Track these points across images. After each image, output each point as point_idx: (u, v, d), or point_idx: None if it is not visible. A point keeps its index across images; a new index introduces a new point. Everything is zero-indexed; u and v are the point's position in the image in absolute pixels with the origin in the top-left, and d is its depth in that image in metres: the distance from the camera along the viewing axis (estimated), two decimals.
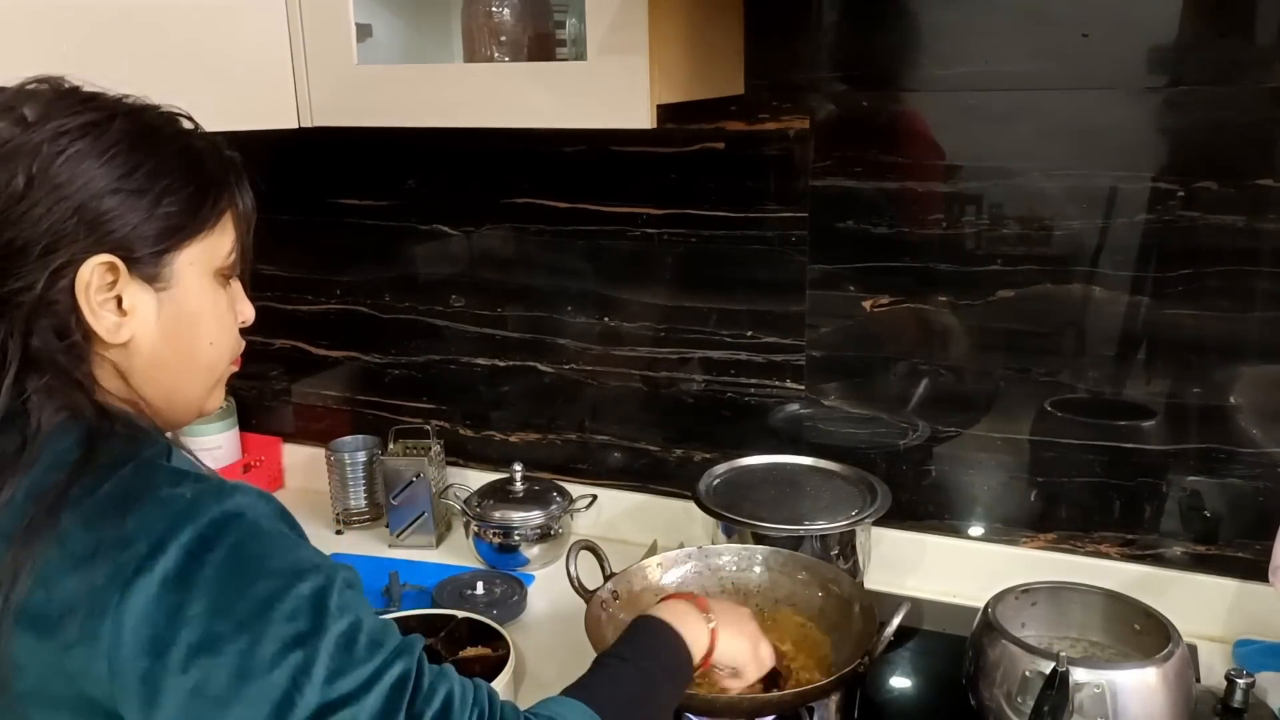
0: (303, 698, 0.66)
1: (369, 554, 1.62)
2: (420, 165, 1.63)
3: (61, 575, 0.66)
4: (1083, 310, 1.32)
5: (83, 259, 0.71)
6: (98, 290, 0.73)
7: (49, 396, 0.71)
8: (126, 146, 0.73)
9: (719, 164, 1.45)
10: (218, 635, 0.65)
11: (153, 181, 0.74)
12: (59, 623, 0.66)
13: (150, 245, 0.74)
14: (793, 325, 1.47)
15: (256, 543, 0.69)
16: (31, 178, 0.70)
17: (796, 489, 1.42)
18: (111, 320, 0.74)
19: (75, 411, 0.72)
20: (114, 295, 0.74)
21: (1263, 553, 1.26)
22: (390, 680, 0.69)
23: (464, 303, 1.67)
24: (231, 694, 0.65)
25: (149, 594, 0.65)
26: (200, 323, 0.79)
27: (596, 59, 1.14)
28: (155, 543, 0.66)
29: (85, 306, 0.72)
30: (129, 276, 0.74)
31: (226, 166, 0.81)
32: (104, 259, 0.72)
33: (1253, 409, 1.28)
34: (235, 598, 0.66)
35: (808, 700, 1.10)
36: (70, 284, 0.72)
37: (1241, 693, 1.14)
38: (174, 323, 0.77)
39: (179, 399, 0.81)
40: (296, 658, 0.66)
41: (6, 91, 0.74)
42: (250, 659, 0.66)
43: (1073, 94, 1.26)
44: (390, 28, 1.37)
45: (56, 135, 0.71)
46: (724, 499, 1.40)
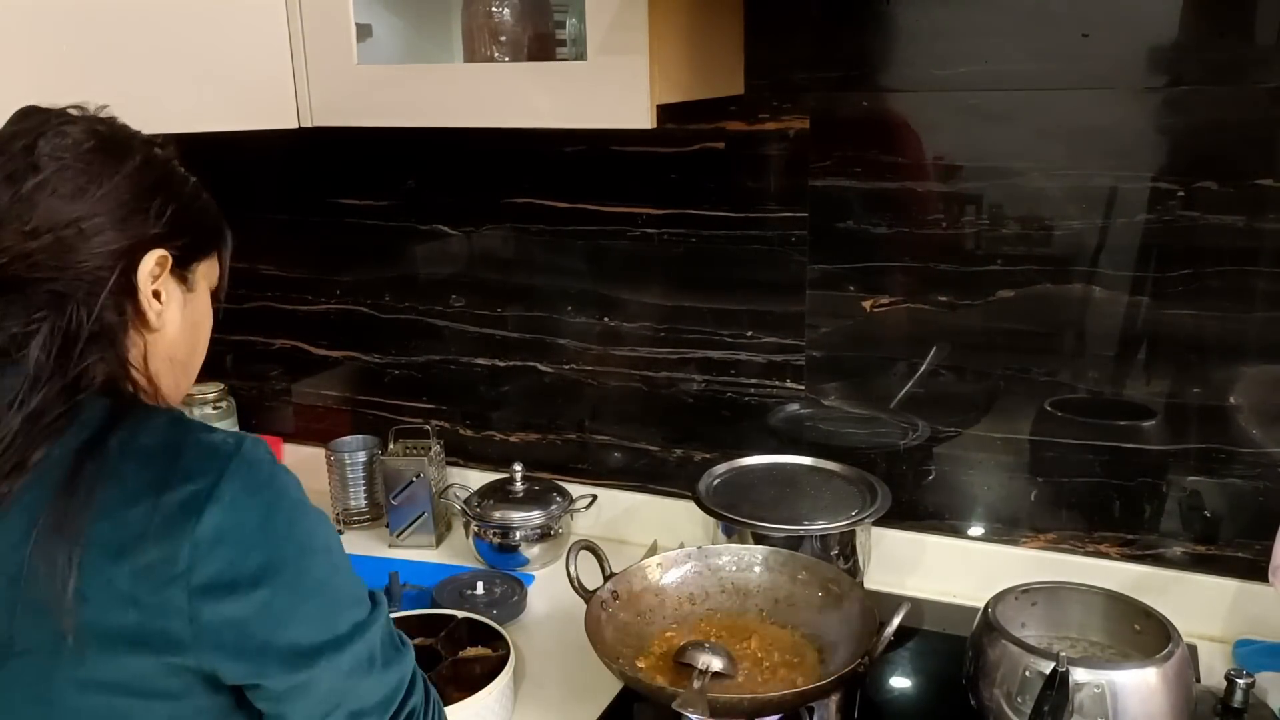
0: (345, 612, 0.80)
1: (369, 554, 1.62)
2: (420, 165, 1.63)
3: (125, 506, 0.73)
4: (1083, 310, 1.32)
5: (147, 248, 0.82)
6: (150, 279, 0.83)
7: (102, 366, 0.79)
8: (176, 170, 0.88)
9: (719, 164, 1.45)
10: (280, 558, 0.76)
11: (192, 201, 0.88)
12: (133, 547, 0.72)
13: (186, 250, 0.86)
14: (793, 325, 1.47)
15: (294, 485, 0.81)
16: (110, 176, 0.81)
17: (796, 489, 1.42)
18: (157, 306, 0.84)
19: (112, 381, 0.80)
20: (156, 288, 0.84)
21: (1263, 553, 1.26)
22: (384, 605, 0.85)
23: (464, 303, 1.67)
24: (293, 609, 0.77)
25: (219, 520, 0.74)
26: (203, 328, 0.92)
27: (596, 59, 1.14)
28: (216, 476, 0.75)
29: (142, 290, 0.82)
30: (169, 274, 0.85)
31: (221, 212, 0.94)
32: (161, 252, 0.83)
33: (1253, 409, 1.28)
34: (290, 527, 0.78)
35: (808, 700, 1.10)
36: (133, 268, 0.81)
37: (1241, 693, 1.14)
38: (190, 321, 0.89)
39: (173, 392, 0.90)
40: (337, 581, 0.81)
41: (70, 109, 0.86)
42: (307, 579, 0.78)
43: (1073, 94, 1.26)
44: (390, 28, 1.37)
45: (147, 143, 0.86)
46: (724, 499, 1.40)
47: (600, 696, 1.22)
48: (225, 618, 0.74)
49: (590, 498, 1.61)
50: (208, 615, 0.73)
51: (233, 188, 0.98)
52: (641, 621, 1.27)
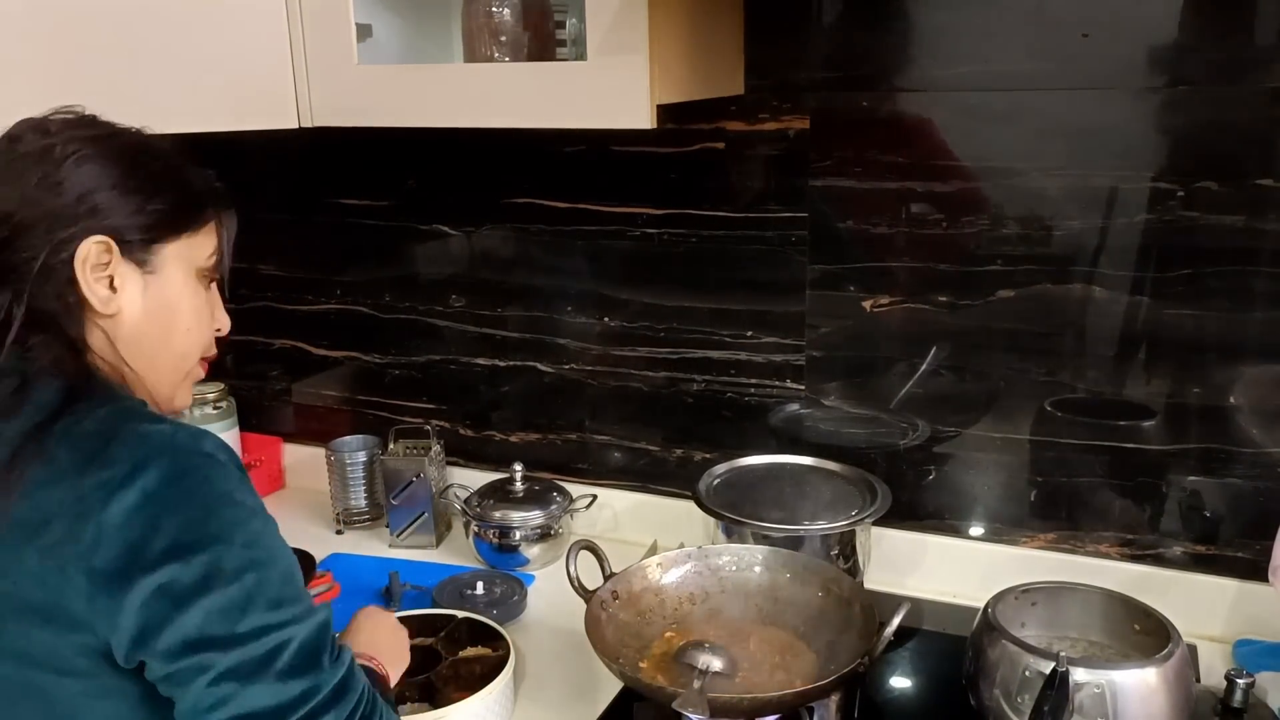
0: (252, 612, 0.78)
1: (369, 554, 1.62)
2: (420, 165, 1.63)
3: (46, 488, 0.76)
4: (1083, 310, 1.32)
5: (82, 237, 0.83)
6: (94, 266, 0.84)
7: (45, 350, 0.82)
8: (128, 157, 0.87)
9: (719, 164, 1.45)
10: (187, 545, 0.76)
11: (146, 184, 0.87)
12: (43, 527, 0.76)
13: (140, 233, 0.86)
14: (793, 325, 1.47)
15: (224, 479, 0.80)
16: (45, 173, 0.83)
17: (796, 489, 1.42)
18: (103, 293, 0.85)
19: (62, 365, 0.82)
20: (108, 274, 0.85)
21: (1263, 553, 1.26)
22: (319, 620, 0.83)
23: (464, 303, 1.67)
24: (191, 598, 0.76)
25: (129, 504, 0.75)
26: (179, 309, 0.91)
27: (596, 59, 1.14)
28: (138, 463, 0.77)
29: (81, 278, 0.83)
30: (120, 258, 0.85)
31: (214, 190, 0.94)
32: (100, 238, 0.84)
33: (1253, 409, 1.28)
34: (205, 516, 0.78)
35: (808, 700, 1.10)
36: (70, 257, 0.83)
37: (1241, 693, 1.14)
38: (156, 305, 0.89)
39: (157, 382, 0.91)
40: (250, 578, 0.78)
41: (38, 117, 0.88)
42: (213, 570, 0.77)
43: (1073, 94, 1.26)
44: (390, 28, 1.37)
45: (68, 142, 0.85)
46: (724, 499, 1.40)
47: (600, 696, 1.22)
48: (120, 602, 0.75)
49: (590, 498, 1.61)
50: (103, 598, 0.76)
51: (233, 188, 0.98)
52: (641, 621, 1.27)
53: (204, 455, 0.80)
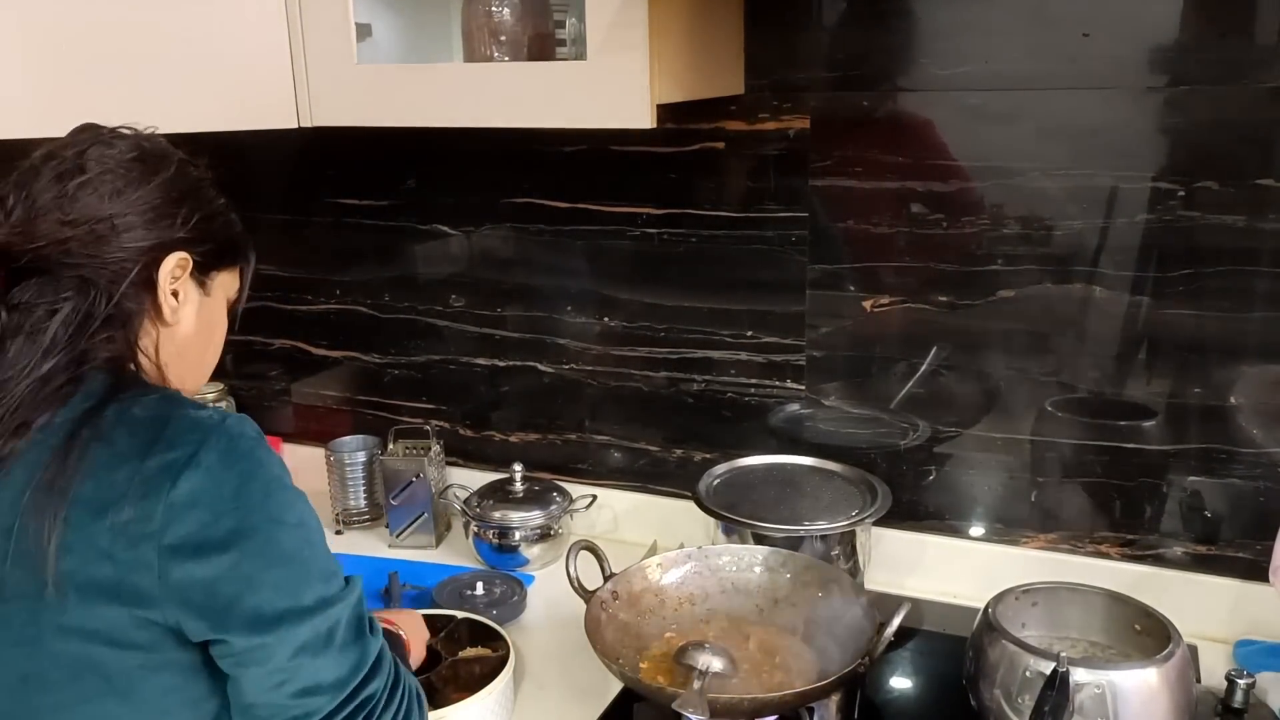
0: (313, 585, 0.84)
1: (369, 554, 1.62)
2: (420, 165, 1.63)
3: (111, 469, 0.80)
4: (1083, 310, 1.32)
5: (171, 250, 0.90)
6: (171, 279, 0.91)
7: (108, 346, 0.87)
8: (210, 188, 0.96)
9: (719, 164, 1.44)
10: (252, 524, 0.81)
11: (215, 218, 0.96)
12: (110, 506, 0.79)
13: (207, 258, 0.94)
14: (793, 325, 1.47)
15: (272, 460, 0.86)
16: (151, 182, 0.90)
17: (796, 489, 1.42)
18: (173, 303, 0.92)
19: (115, 362, 0.87)
20: (176, 287, 0.92)
21: (1263, 553, 1.26)
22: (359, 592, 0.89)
23: (464, 303, 1.67)
24: (260, 573, 0.81)
25: (196, 483, 0.79)
26: (216, 330, 0.99)
27: (596, 59, 1.14)
28: (199, 444, 0.81)
29: (161, 287, 0.90)
30: (188, 276, 0.93)
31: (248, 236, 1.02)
32: (184, 255, 0.91)
33: (1253, 409, 1.28)
34: (265, 497, 0.83)
35: (808, 700, 1.10)
36: (155, 265, 0.90)
37: (1242, 693, 1.14)
38: (204, 322, 0.96)
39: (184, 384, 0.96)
40: (306, 553, 0.84)
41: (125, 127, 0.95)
42: (275, 547, 0.82)
43: (1073, 94, 1.26)
44: (390, 28, 1.37)
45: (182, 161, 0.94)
46: (724, 499, 1.40)
47: (600, 696, 1.22)
48: (192, 577, 0.79)
49: (590, 498, 1.61)
50: (176, 573, 0.79)
51: (233, 187, 0.98)
52: (641, 621, 1.27)
53: (253, 438, 0.84)
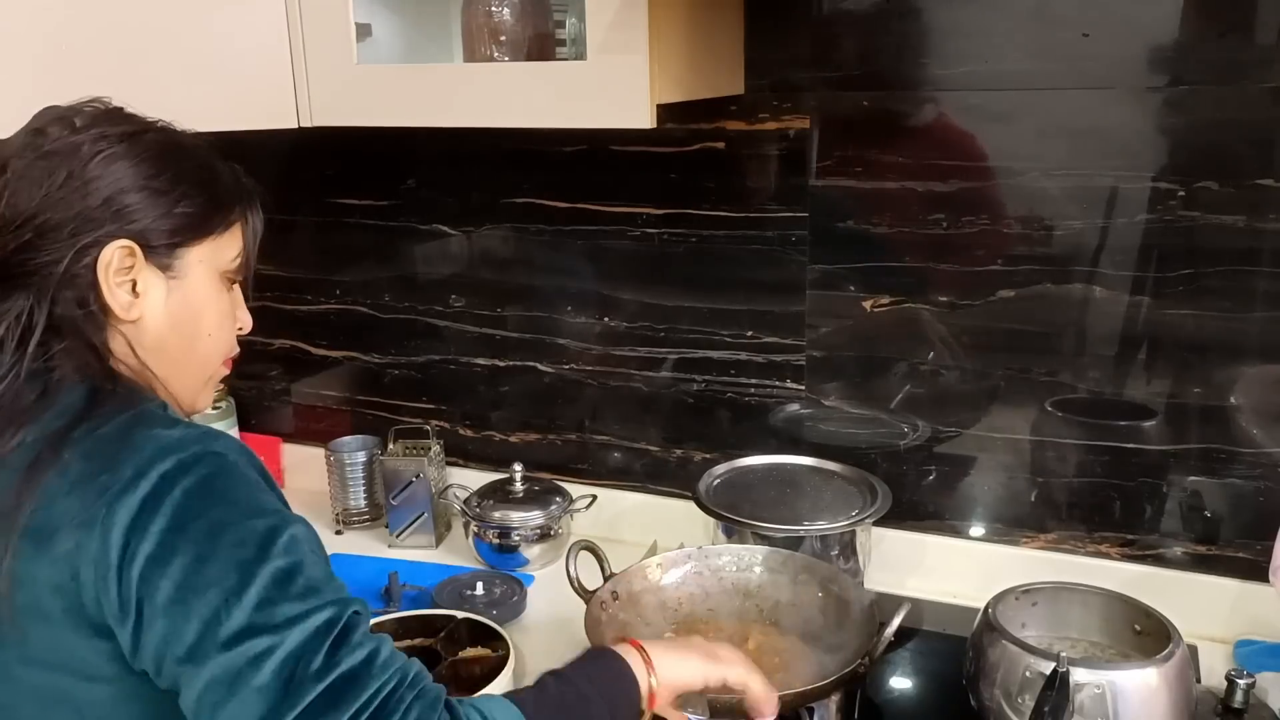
0: (229, 618, 0.72)
1: (369, 554, 1.62)
2: (420, 165, 1.63)
3: (60, 497, 0.76)
4: (1083, 310, 1.32)
5: (106, 241, 0.82)
6: (116, 271, 0.83)
7: (68, 357, 0.81)
8: (155, 154, 0.85)
9: (719, 164, 1.44)
10: (170, 549, 0.73)
11: (173, 185, 0.85)
12: (54, 536, 0.75)
13: (165, 238, 0.85)
14: (793, 325, 1.47)
15: (226, 478, 0.78)
16: (71, 172, 0.81)
17: (796, 489, 1.42)
18: (125, 298, 0.84)
19: (86, 371, 0.82)
20: (130, 278, 0.84)
21: (1263, 553, 1.26)
22: (316, 623, 0.74)
23: (464, 303, 1.67)
24: (172, 604, 0.73)
25: (129, 511, 0.74)
26: (203, 314, 0.89)
27: (596, 59, 1.14)
28: (140, 469, 0.75)
29: (104, 283, 0.82)
30: (145, 263, 0.84)
31: (242, 188, 0.93)
32: (124, 243, 0.82)
33: (1253, 409, 1.28)
34: (192, 519, 0.75)
35: (808, 700, 1.10)
36: (93, 262, 0.82)
37: (1242, 693, 1.14)
38: (180, 309, 0.87)
39: (180, 387, 0.90)
40: (232, 580, 0.73)
41: (64, 107, 0.86)
42: (193, 574, 0.73)
43: (1073, 94, 1.26)
44: (390, 28, 1.37)
45: (97, 139, 0.83)
46: (724, 499, 1.40)
47: None
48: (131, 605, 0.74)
49: (590, 498, 1.61)
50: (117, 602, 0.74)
51: None
52: (641, 621, 1.26)
53: (212, 455, 0.77)
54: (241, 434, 1.84)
